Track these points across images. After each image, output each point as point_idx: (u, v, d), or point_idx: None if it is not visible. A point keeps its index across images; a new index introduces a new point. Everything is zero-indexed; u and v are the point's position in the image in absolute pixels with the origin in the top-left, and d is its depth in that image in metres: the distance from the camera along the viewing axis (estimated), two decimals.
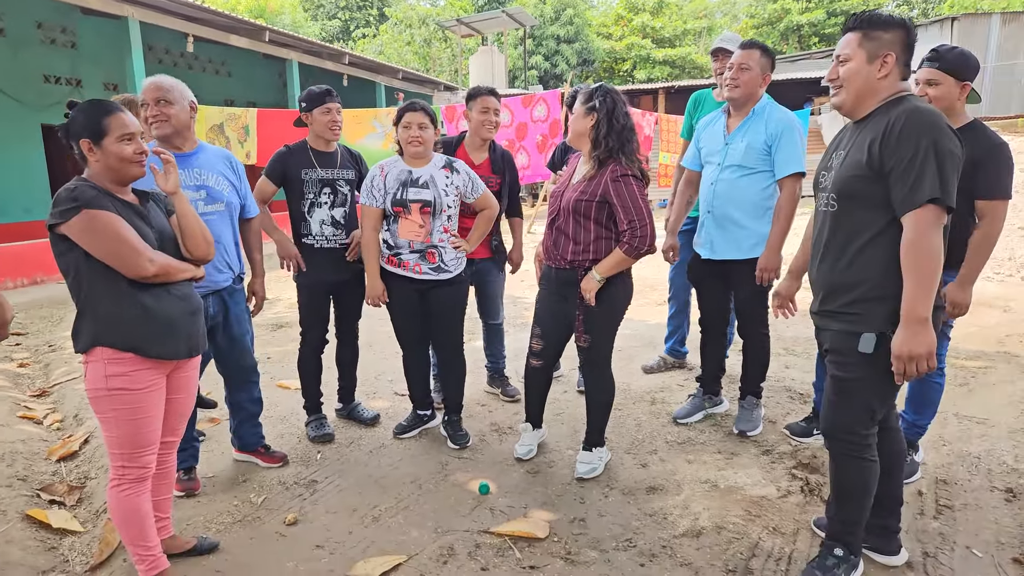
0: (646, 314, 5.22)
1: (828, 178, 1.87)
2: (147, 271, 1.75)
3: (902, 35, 1.74)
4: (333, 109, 2.84)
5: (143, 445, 1.83)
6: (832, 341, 1.87)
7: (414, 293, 2.84)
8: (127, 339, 1.77)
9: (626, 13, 28.58)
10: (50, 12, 9.09)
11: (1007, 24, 17.29)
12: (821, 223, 1.91)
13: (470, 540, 2.20)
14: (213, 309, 2.45)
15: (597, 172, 2.46)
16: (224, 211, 2.45)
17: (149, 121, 2.32)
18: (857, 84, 1.78)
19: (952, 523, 2.23)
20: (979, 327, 4.41)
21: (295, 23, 25.81)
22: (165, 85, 2.33)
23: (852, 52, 1.77)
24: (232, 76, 12.92)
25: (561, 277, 2.58)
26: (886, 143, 1.68)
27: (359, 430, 3.14)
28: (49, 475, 2.79)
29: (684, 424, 3.09)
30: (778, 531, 2.21)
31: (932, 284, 1.64)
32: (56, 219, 1.70)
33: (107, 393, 1.76)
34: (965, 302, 2.29)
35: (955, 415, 3.09)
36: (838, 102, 1.84)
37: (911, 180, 1.64)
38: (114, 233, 1.71)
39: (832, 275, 1.84)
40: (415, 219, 2.74)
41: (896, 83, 1.77)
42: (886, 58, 1.73)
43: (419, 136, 2.70)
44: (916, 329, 1.65)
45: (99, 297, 1.76)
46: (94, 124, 1.75)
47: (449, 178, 2.78)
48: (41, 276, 7.40)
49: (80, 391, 3.76)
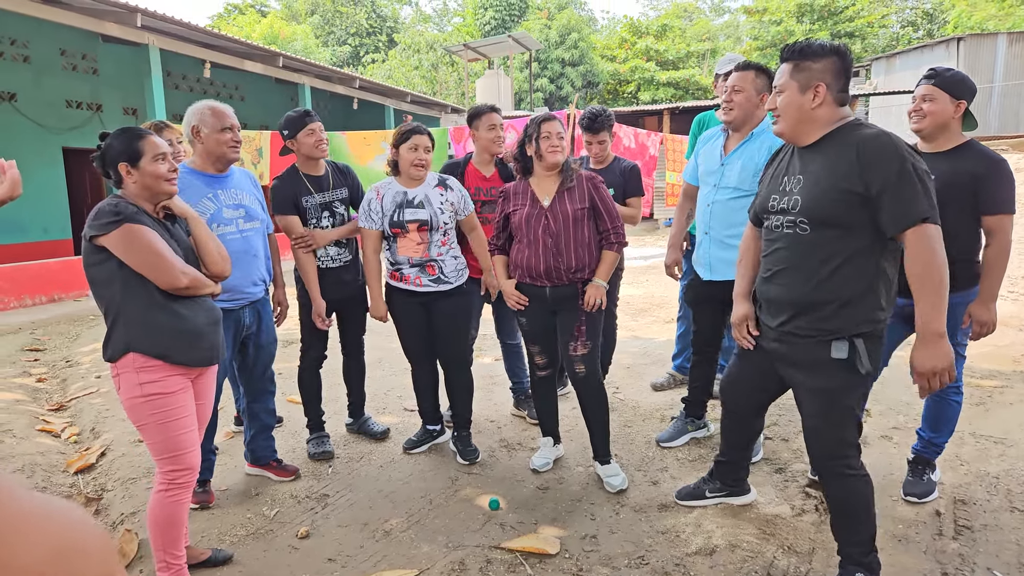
0: (654, 332, 5.22)
1: (788, 202, 1.88)
2: (181, 283, 1.85)
3: (834, 63, 1.78)
4: (316, 129, 2.84)
5: (185, 446, 1.91)
6: (799, 354, 1.89)
7: (418, 306, 2.88)
8: (157, 346, 1.85)
9: (630, 36, 28.95)
10: (73, 39, 9.36)
11: (1014, 44, 17.35)
12: (782, 244, 1.91)
13: (481, 555, 2.20)
14: (249, 319, 2.56)
15: (571, 182, 2.61)
16: (260, 227, 2.59)
17: (230, 144, 2.44)
18: (792, 113, 1.83)
19: (972, 544, 2.20)
20: (994, 346, 4.37)
21: (307, 48, 26.38)
22: (232, 114, 2.47)
23: (784, 83, 1.84)
24: (246, 100, 13.18)
25: (557, 294, 2.62)
26: (863, 167, 1.71)
27: (369, 445, 3.15)
28: (67, 487, 2.82)
29: (668, 448, 3.02)
30: (793, 550, 2.19)
31: (944, 297, 1.66)
32: (97, 231, 1.78)
33: (144, 400, 1.84)
34: (992, 320, 2.30)
35: (972, 434, 3.06)
36: (778, 131, 1.91)
37: (903, 201, 1.67)
38: (152, 247, 1.80)
39: (803, 295, 1.85)
40: (413, 238, 2.81)
41: (835, 111, 1.81)
42: (818, 88, 1.78)
43: (425, 159, 2.77)
44: (934, 343, 1.67)
45: (133, 305, 1.84)
46: (130, 148, 1.86)
47: (444, 195, 2.84)
48: (59, 294, 7.52)
49: (96, 405, 3.81)
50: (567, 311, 2.63)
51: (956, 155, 2.30)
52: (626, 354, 4.49)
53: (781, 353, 1.96)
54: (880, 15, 27.63)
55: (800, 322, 1.87)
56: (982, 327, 2.30)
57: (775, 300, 1.94)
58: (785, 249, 1.90)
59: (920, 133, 2.37)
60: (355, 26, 31.81)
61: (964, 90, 2.29)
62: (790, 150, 1.98)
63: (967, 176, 2.24)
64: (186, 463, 1.92)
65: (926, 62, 18.63)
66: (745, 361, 2.18)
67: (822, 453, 1.94)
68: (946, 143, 2.33)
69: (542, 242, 2.59)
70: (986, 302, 2.29)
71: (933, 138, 2.35)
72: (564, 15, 26.74)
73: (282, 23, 28.41)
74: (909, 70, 19.14)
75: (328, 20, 32.30)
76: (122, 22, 7.73)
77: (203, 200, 2.43)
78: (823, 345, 1.81)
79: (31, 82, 9.17)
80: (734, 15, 36.02)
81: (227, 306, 2.39)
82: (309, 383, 3.08)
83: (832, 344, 1.79)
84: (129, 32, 7.90)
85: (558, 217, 2.58)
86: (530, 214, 2.62)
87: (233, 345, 2.52)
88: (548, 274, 2.60)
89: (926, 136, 2.36)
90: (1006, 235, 2.25)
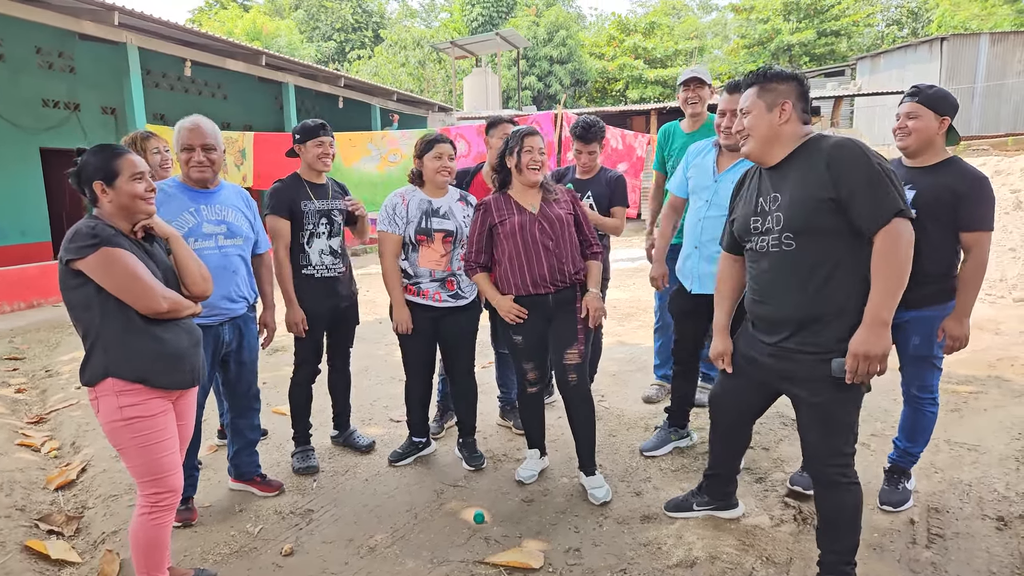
0: (641, 337, 5.25)
1: (770, 221, 1.93)
2: (161, 307, 1.83)
3: (795, 86, 1.92)
4: (326, 143, 2.91)
5: (167, 469, 1.90)
6: (799, 371, 1.93)
7: (429, 320, 2.89)
8: (137, 371, 1.83)
9: (618, 34, 29.02)
10: (49, 37, 9.19)
11: (995, 44, 17.61)
12: (769, 263, 1.95)
13: (465, 571, 2.21)
14: (229, 336, 2.55)
15: (552, 195, 2.69)
16: (242, 244, 2.58)
17: (191, 164, 2.42)
18: (761, 131, 1.93)
19: (944, 552, 2.25)
20: (970, 351, 4.44)
21: (291, 45, 26.10)
22: (208, 131, 2.45)
23: (752, 104, 1.94)
24: (228, 99, 13.03)
25: (559, 298, 2.65)
26: (833, 174, 1.78)
27: (355, 458, 3.15)
28: (47, 504, 2.79)
29: (652, 457, 3.06)
30: (772, 560, 2.23)
31: (900, 291, 1.75)
32: (73, 255, 1.75)
33: (124, 424, 1.82)
34: (964, 335, 2.34)
35: (946, 441, 3.12)
36: (747, 151, 1.99)
37: (876, 200, 1.74)
38: (130, 271, 1.78)
39: (799, 308, 1.89)
40: (437, 248, 2.82)
41: (799, 128, 1.92)
42: (784, 106, 1.90)
43: (449, 167, 2.81)
44: (877, 331, 1.75)
45: (111, 330, 1.81)
46: (106, 166, 1.84)
47: (466, 211, 2.91)
48: (38, 299, 7.41)
49: (77, 418, 3.77)
50: (565, 315, 2.65)
51: (939, 171, 2.33)
52: (612, 361, 4.51)
53: (778, 368, 1.99)
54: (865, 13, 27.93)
55: (799, 338, 1.90)
56: (955, 341, 2.35)
57: (770, 319, 1.98)
58: (773, 268, 1.94)
59: (906, 151, 2.41)
60: (340, 21, 31.52)
61: (947, 106, 2.33)
62: (756, 172, 2.04)
63: (948, 192, 2.28)
64: (168, 485, 1.90)
65: (910, 61, 18.86)
66: (734, 375, 2.21)
67: (818, 461, 1.98)
68: (930, 159, 2.37)
69: (542, 245, 2.60)
70: (960, 317, 2.33)
71: (918, 154, 2.38)
72: (552, 12, 26.73)
73: (265, 18, 28.09)
74: (894, 69, 19.36)
75: (313, 15, 31.99)
76: (99, 20, 7.61)
77: (184, 214, 2.42)
78: (823, 363, 1.85)
79: (6, 81, 8.99)
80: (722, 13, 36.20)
81: (205, 322, 2.37)
82: (299, 397, 3.06)
83: (832, 362, 1.83)
84: (106, 31, 7.77)
85: (552, 221, 2.61)
86: (522, 221, 2.61)
87: (212, 361, 2.50)
88: (552, 276, 2.60)
89: (911, 153, 2.40)
90: (983, 252, 2.30)
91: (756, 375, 2.11)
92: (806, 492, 2.59)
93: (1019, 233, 6.46)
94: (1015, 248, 6.42)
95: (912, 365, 2.49)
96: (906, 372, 2.52)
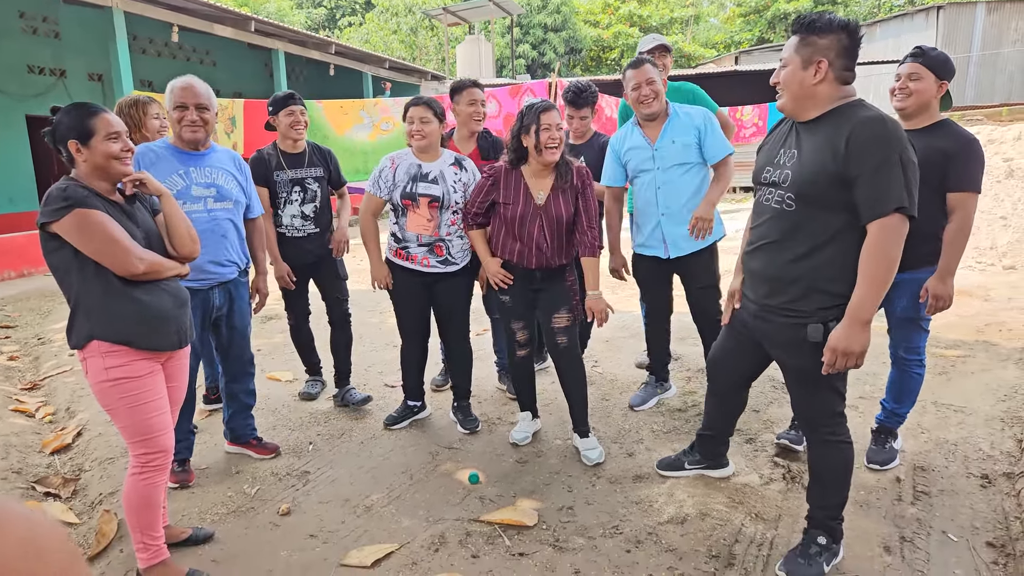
0: (633, 305, 5.25)
1: (779, 175, 1.89)
2: (137, 269, 1.80)
3: (840, 40, 1.74)
4: (296, 111, 3.06)
5: (157, 429, 1.89)
6: (778, 334, 1.94)
7: (420, 285, 2.90)
8: (120, 333, 1.81)
9: (613, 1, 28.44)
10: (32, 2, 8.94)
11: (991, 13, 17.39)
12: (768, 217, 1.94)
13: (460, 528, 2.25)
14: (220, 300, 2.55)
15: (565, 182, 2.62)
16: (232, 208, 2.56)
17: (183, 123, 2.40)
18: (793, 89, 1.82)
19: (929, 509, 2.31)
20: (959, 316, 4.50)
21: (280, 11, 25.49)
22: (202, 92, 2.44)
23: (789, 57, 1.82)
24: (218, 66, 12.76)
25: (545, 275, 2.69)
26: (850, 151, 1.71)
27: (350, 422, 3.17)
28: (44, 468, 2.81)
29: (640, 411, 3.19)
30: (760, 517, 2.28)
31: (884, 289, 1.72)
32: (47, 217, 1.72)
33: (111, 384, 1.81)
34: (948, 294, 2.35)
35: (933, 403, 3.17)
36: (780, 105, 1.90)
37: (879, 188, 1.68)
38: (104, 232, 1.74)
39: (779, 270, 1.89)
40: (423, 213, 2.80)
41: (837, 88, 1.79)
42: (819, 64, 1.75)
43: (421, 130, 2.76)
44: (858, 329, 1.74)
45: (91, 293, 1.79)
46: (81, 125, 1.78)
47: (458, 175, 2.85)
48: (28, 268, 7.34)
49: (71, 384, 3.77)
50: (553, 284, 2.70)
51: (931, 133, 2.32)
52: (605, 327, 4.49)
53: (763, 331, 2.00)
54: None
55: (774, 300, 1.91)
56: (938, 301, 2.35)
57: (755, 273, 1.99)
58: (769, 223, 1.93)
59: (903, 112, 2.38)
60: None
61: (948, 71, 2.31)
62: (791, 122, 1.95)
63: (939, 154, 2.27)
64: (159, 446, 1.90)
65: (906, 30, 18.62)
66: (730, 337, 2.22)
67: (808, 421, 2.02)
68: (924, 121, 2.36)
69: (536, 242, 2.62)
70: (943, 277, 2.34)
71: (914, 116, 2.37)
72: None
73: None
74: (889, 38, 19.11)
75: None
76: None
77: (172, 176, 2.39)
78: (799, 327, 1.86)
79: None
80: None
81: (193, 286, 2.37)
82: (300, 337, 3.40)
83: (808, 327, 1.84)
84: None
85: (552, 219, 2.60)
86: (524, 213, 2.61)
87: (202, 325, 2.50)
88: (539, 267, 2.67)
89: (908, 115, 2.37)
90: (968, 213, 2.30)
91: (748, 338, 2.12)
92: (793, 446, 2.65)
93: (1010, 201, 6.47)
94: (1006, 216, 6.44)
95: (900, 327, 2.51)
96: (894, 334, 2.55)
